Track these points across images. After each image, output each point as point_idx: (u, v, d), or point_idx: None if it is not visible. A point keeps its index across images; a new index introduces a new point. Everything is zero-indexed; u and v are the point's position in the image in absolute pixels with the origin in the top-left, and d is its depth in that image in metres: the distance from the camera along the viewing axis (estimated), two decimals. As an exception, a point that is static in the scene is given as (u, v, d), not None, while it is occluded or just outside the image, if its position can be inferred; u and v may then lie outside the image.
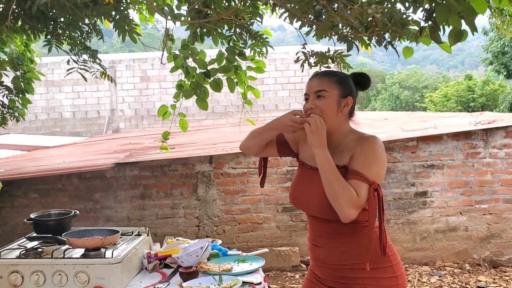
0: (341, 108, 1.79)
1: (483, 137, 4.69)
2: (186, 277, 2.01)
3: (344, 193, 1.65)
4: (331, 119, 1.77)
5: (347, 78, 1.85)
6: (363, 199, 1.67)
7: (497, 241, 4.69)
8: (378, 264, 1.75)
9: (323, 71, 1.88)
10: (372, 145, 1.75)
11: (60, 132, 11.80)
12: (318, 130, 1.71)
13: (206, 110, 3.08)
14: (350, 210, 1.65)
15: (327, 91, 1.77)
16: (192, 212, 4.83)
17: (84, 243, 1.98)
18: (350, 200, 1.64)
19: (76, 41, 3.88)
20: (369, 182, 1.67)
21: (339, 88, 1.79)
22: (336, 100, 1.78)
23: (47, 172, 4.78)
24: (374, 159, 1.72)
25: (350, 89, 1.82)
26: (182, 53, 3.24)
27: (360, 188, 1.67)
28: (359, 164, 1.70)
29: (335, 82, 1.79)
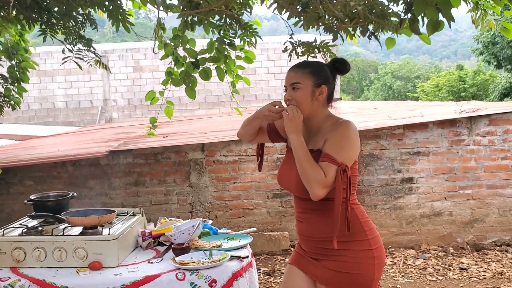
0: (316, 97, 1.94)
1: (467, 125, 4.84)
2: (178, 253, 2.14)
3: (313, 173, 1.81)
4: (306, 108, 1.93)
5: (322, 67, 1.98)
6: (331, 179, 1.81)
7: (480, 226, 4.86)
8: (355, 237, 1.90)
9: (299, 63, 2.01)
10: (344, 129, 1.89)
11: (53, 122, 11.83)
12: (294, 118, 1.88)
13: (194, 99, 3.18)
14: (318, 189, 1.81)
15: (301, 83, 1.92)
16: (185, 198, 4.96)
17: (83, 221, 2.11)
18: (318, 180, 1.80)
19: (71, 31, 3.96)
20: (338, 163, 1.82)
21: (313, 79, 1.93)
22: (310, 90, 1.93)
23: (43, 160, 4.88)
24: (344, 142, 1.87)
25: (324, 78, 1.96)
26: (173, 42, 3.33)
27: (328, 169, 1.81)
28: (329, 147, 1.86)
29: (308, 73, 1.93)
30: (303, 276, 2.01)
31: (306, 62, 2.02)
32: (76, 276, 1.97)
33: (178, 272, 1.99)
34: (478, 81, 22.56)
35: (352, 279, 1.88)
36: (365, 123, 5.12)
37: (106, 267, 2.05)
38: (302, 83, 1.93)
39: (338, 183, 1.81)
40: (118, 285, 1.92)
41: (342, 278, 1.89)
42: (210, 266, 2.01)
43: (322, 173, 1.81)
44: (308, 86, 1.93)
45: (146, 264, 2.11)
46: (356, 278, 1.88)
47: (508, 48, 17.45)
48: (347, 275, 1.88)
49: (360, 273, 1.89)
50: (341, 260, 1.89)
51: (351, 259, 1.88)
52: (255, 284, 2.20)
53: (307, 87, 1.93)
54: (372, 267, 1.90)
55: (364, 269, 1.89)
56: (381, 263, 1.95)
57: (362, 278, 1.89)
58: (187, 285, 1.96)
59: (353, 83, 39.59)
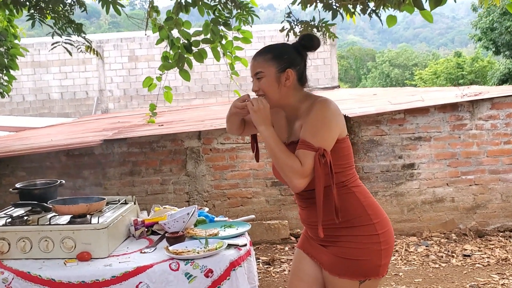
0: (283, 83, 1.80)
1: (469, 109, 4.73)
2: (172, 241, 2.03)
3: (288, 164, 1.69)
4: (275, 95, 1.81)
5: (285, 50, 1.83)
6: (309, 167, 1.69)
7: (483, 211, 4.77)
8: (359, 222, 1.79)
9: (261, 49, 1.87)
10: (318, 110, 1.75)
11: (48, 114, 11.70)
12: (260, 109, 1.76)
13: (189, 81, 3.07)
14: (296, 180, 1.69)
15: (263, 71, 1.80)
16: (182, 187, 4.85)
17: (70, 210, 1.99)
18: (294, 170, 1.68)
19: (60, 15, 3.83)
20: (315, 149, 1.69)
21: (276, 64, 1.79)
22: (274, 77, 1.79)
23: (35, 150, 4.75)
24: (320, 124, 1.73)
25: (288, 61, 1.81)
26: (167, 25, 3.21)
27: (305, 157, 1.69)
28: (305, 133, 1.73)
29: (270, 59, 1.80)
30: (310, 261, 1.93)
31: (268, 46, 1.86)
32: (64, 268, 1.86)
33: (172, 262, 1.88)
34: (476, 67, 22.46)
35: (357, 266, 1.78)
36: (365, 109, 5.00)
37: (96, 258, 1.93)
38: (265, 71, 1.79)
39: (317, 170, 1.68)
40: (108, 276, 1.81)
41: (345, 264, 1.78)
42: (206, 255, 1.90)
43: (298, 162, 1.69)
44: (272, 73, 1.79)
45: (138, 254, 2.00)
46: (361, 264, 1.78)
47: (507, 33, 17.32)
48: (351, 261, 1.78)
49: (366, 259, 1.78)
50: (344, 246, 1.79)
51: (356, 245, 1.78)
52: (254, 273, 2.09)
53: (270, 74, 1.79)
54: (379, 253, 1.79)
55: (370, 255, 1.78)
56: (388, 248, 1.83)
57: (368, 264, 1.78)
58: (182, 276, 1.85)
59: (350, 72, 39.43)
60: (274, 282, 3.84)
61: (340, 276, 1.79)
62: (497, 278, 3.66)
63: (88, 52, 3.86)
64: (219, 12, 3.20)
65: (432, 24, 2.31)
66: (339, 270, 1.79)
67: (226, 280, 1.88)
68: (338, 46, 31.81)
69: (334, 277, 1.81)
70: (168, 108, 8.95)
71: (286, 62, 1.80)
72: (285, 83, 1.80)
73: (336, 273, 1.80)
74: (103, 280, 1.81)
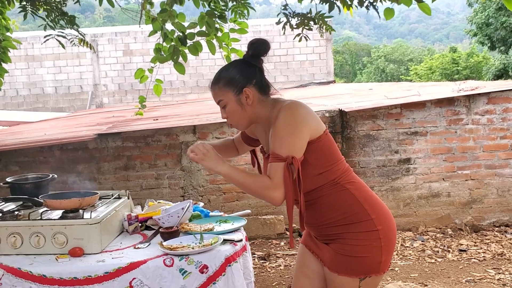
0: (245, 103, 1.77)
1: (465, 104, 4.71)
2: (167, 237, 1.99)
3: (257, 184, 1.69)
4: (243, 118, 1.80)
5: (233, 70, 1.79)
6: (278, 179, 1.66)
7: (479, 206, 4.77)
8: (356, 218, 1.76)
9: (214, 77, 1.84)
10: (281, 118, 1.71)
11: (43, 108, 11.61)
12: (204, 155, 1.74)
13: (184, 74, 3.03)
14: (271, 194, 1.67)
15: (223, 99, 1.79)
16: (177, 182, 4.81)
17: (62, 205, 1.95)
18: (265, 187, 1.67)
19: (52, 7, 3.77)
20: (283, 159, 1.66)
21: (230, 89, 1.77)
22: (235, 101, 1.77)
23: (28, 144, 4.70)
24: (285, 133, 1.69)
25: (241, 80, 1.77)
26: (161, 17, 3.16)
27: (275, 170, 1.67)
28: (273, 144, 1.70)
29: (224, 86, 1.78)
30: (313, 257, 1.93)
31: (218, 73, 1.83)
32: (55, 264, 1.82)
33: (166, 258, 1.84)
34: (472, 63, 22.50)
35: (356, 263, 1.74)
36: (361, 103, 4.98)
37: (88, 254, 1.89)
38: (224, 98, 1.79)
39: (285, 179, 1.66)
40: (100, 272, 1.78)
41: (344, 261, 1.75)
42: (201, 250, 1.86)
43: (266, 178, 1.68)
44: (231, 98, 1.78)
45: (132, 250, 1.96)
46: (360, 261, 1.74)
47: (502, 29, 17.35)
48: (351, 258, 1.75)
49: (366, 256, 1.74)
50: (344, 243, 1.76)
51: (355, 241, 1.74)
52: (250, 269, 2.06)
53: (230, 100, 1.78)
54: (379, 249, 1.75)
55: (370, 251, 1.74)
56: (389, 244, 1.78)
57: (368, 261, 1.75)
58: (176, 272, 1.81)
59: (346, 67, 39.41)
60: (270, 277, 3.82)
61: (339, 273, 1.76)
62: (493, 273, 3.65)
63: (81, 45, 3.80)
64: (214, 4, 3.15)
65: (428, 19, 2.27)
66: (338, 267, 1.77)
67: (221, 276, 1.85)
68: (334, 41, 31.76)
69: (333, 274, 1.78)
70: (163, 103, 8.90)
71: (240, 82, 1.77)
72: (247, 102, 1.77)
73: (335, 270, 1.77)
74: (96, 276, 1.78)
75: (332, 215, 1.77)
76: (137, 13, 3.43)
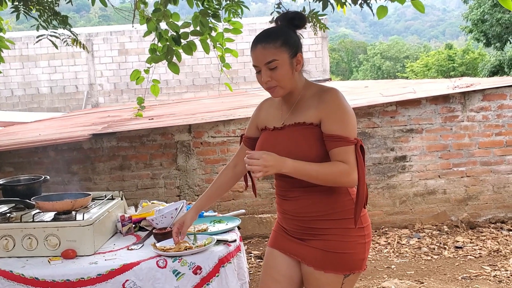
0: (295, 68, 1.73)
1: (461, 101, 4.71)
2: (160, 238, 1.98)
3: (335, 174, 1.66)
4: (289, 82, 1.73)
5: (289, 33, 1.73)
6: (353, 162, 1.67)
7: (474, 203, 4.77)
8: (346, 215, 1.75)
9: (263, 35, 1.73)
10: (338, 101, 1.70)
11: (38, 108, 11.55)
12: (266, 167, 1.61)
13: (178, 74, 3.01)
14: (350, 178, 1.67)
15: (277, 59, 1.68)
16: (173, 182, 4.80)
17: (54, 206, 1.93)
18: (344, 174, 1.66)
19: (45, 7, 3.74)
20: (353, 142, 1.68)
21: (287, 50, 1.69)
22: (288, 63, 1.70)
23: (22, 145, 4.67)
24: (346, 115, 1.69)
25: (296, 44, 1.73)
26: (155, 17, 3.14)
27: (347, 154, 1.66)
28: (336, 128, 1.67)
29: (281, 45, 1.68)
30: (285, 258, 1.84)
31: (271, 32, 1.73)
32: (47, 266, 1.81)
33: (159, 259, 1.83)
34: (467, 59, 22.53)
35: (342, 259, 1.74)
36: (357, 101, 4.97)
37: (81, 255, 1.88)
38: (279, 58, 1.67)
39: (360, 162, 1.68)
40: (93, 274, 1.76)
41: (331, 258, 1.73)
42: (194, 252, 1.85)
43: (340, 164, 1.66)
44: (286, 59, 1.68)
45: (125, 251, 1.95)
46: (346, 257, 1.74)
47: (497, 25, 17.36)
48: (337, 255, 1.73)
49: (351, 253, 1.74)
50: (330, 239, 1.74)
51: (341, 237, 1.74)
52: (244, 269, 2.05)
53: (285, 61, 1.68)
54: (363, 246, 1.76)
55: (355, 248, 1.75)
56: (370, 242, 1.81)
57: (353, 257, 1.75)
58: (169, 273, 1.80)
59: (342, 65, 39.42)
60: (266, 276, 3.81)
61: (326, 271, 1.74)
62: (489, 270, 3.66)
63: (75, 45, 3.78)
64: (208, 3, 3.13)
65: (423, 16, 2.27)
66: (325, 264, 1.74)
67: (215, 277, 1.84)
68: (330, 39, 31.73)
69: (319, 272, 1.75)
70: (158, 102, 8.87)
71: (295, 46, 1.72)
72: (296, 68, 1.73)
73: (322, 267, 1.74)
74: (89, 278, 1.76)
75: (325, 207, 1.75)
76: (130, 12, 3.41)
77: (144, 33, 3.26)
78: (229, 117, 4.82)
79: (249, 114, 4.87)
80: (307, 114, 1.73)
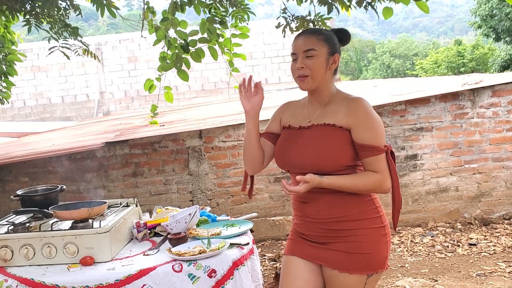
0: (329, 66, 1.80)
1: (470, 98, 4.71)
2: (175, 243, 2.02)
3: (368, 185, 1.73)
4: (320, 77, 1.79)
5: (333, 35, 1.84)
6: (385, 170, 1.74)
7: (487, 200, 4.75)
8: (368, 215, 1.79)
9: (309, 29, 1.88)
10: (367, 110, 1.75)
11: (50, 118, 11.71)
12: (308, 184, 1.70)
13: (187, 81, 3.06)
14: (384, 188, 1.75)
15: (316, 50, 1.77)
16: (185, 187, 4.85)
17: (71, 215, 1.99)
18: (379, 184, 1.73)
19: (55, 19, 3.82)
20: (384, 149, 1.73)
21: (327, 46, 1.79)
22: (325, 58, 1.78)
23: (37, 155, 4.76)
24: (375, 124, 1.74)
25: (336, 46, 1.83)
26: (163, 25, 3.20)
27: (379, 162, 1.73)
28: (367, 137, 1.72)
29: (323, 40, 1.79)
30: (306, 263, 1.84)
31: (318, 28, 1.88)
32: (67, 273, 1.86)
33: (175, 264, 1.87)
34: (477, 55, 22.31)
35: (366, 259, 1.76)
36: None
37: (99, 262, 1.93)
38: (318, 50, 1.77)
39: (392, 167, 1.74)
40: (111, 280, 1.81)
41: (355, 259, 1.76)
42: (208, 255, 1.89)
43: (373, 175, 1.73)
44: (324, 53, 1.78)
45: (142, 257, 2.00)
46: (370, 257, 1.77)
47: (507, 19, 17.20)
48: (360, 255, 1.76)
49: (374, 253, 1.77)
50: (353, 240, 1.77)
51: (365, 238, 1.77)
52: (258, 271, 2.09)
53: (322, 54, 1.77)
54: (385, 245, 1.81)
55: (378, 247, 1.78)
56: (390, 241, 1.85)
57: (376, 257, 1.78)
58: (185, 277, 1.85)
59: (351, 64, 39.29)
60: (280, 278, 3.83)
61: (350, 272, 1.76)
62: (503, 266, 3.64)
63: (86, 55, 3.85)
64: (215, 10, 3.18)
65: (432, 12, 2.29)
66: (349, 266, 1.76)
67: (229, 280, 1.88)
68: (338, 38, 31.49)
69: (344, 274, 1.77)
70: (169, 108, 8.95)
71: (335, 47, 1.82)
72: (331, 66, 1.81)
73: (346, 269, 1.76)
74: (107, 284, 1.81)
75: (346, 208, 1.78)
76: (139, 21, 3.47)
77: (154, 41, 3.32)
78: (239, 121, 4.86)
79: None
80: (336, 117, 1.78)
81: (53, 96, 11.84)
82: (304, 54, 1.77)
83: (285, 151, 1.86)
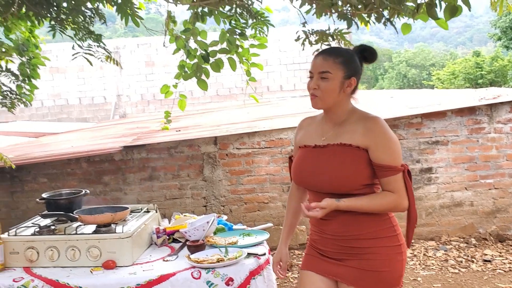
0: (344, 89, 1.81)
1: (487, 112, 4.70)
2: (193, 250, 2.08)
3: (384, 206, 1.77)
4: (331, 99, 1.81)
5: (353, 57, 1.83)
6: (402, 190, 1.76)
7: (504, 216, 4.73)
8: (385, 233, 1.82)
9: (329, 49, 1.87)
10: (383, 130, 1.77)
11: (67, 119, 11.89)
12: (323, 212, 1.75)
13: (207, 90, 3.12)
14: (401, 207, 1.78)
15: (331, 73, 1.77)
16: (199, 192, 4.91)
17: (96, 219, 2.05)
18: (396, 204, 1.77)
19: (80, 26, 3.92)
20: (401, 169, 1.75)
21: (344, 69, 1.79)
22: (340, 81, 1.79)
23: (56, 156, 4.86)
24: (392, 144, 1.76)
25: (354, 69, 1.82)
26: (184, 35, 3.27)
27: (396, 182, 1.75)
28: (384, 157, 1.74)
29: (340, 63, 1.79)
30: (322, 279, 1.87)
31: (337, 49, 1.86)
32: (90, 276, 1.92)
33: (194, 271, 1.93)
34: (496, 67, 22.05)
35: (382, 277, 1.79)
36: (382, 113, 5.00)
37: (120, 266, 1.99)
38: (333, 73, 1.78)
39: (409, 186, 1.77)
40: (133, 284, 1.87)
41: (371, 277, 1.79)
42: (226, 264, 1.94)
43: (390, 195, 1.76)
44: (338, 77, 1.78)
45: (161, 262, 2.05)
46: (385, 275, 1.79)
47: (527, 32, 17.06)
48: (376, 273, 1.79)
49: (390, 270, 1.80)
50: (370, 258, 1.79)
51: (381, 256, 1.79)
52: (273, 281, 2.13)
53: (337, 78, 1.78)
54: (401, 263, 1.83)
55: (393, 266, 1.81)
56: (406, 259, 1.88)
57: (392, 275, 1.80)
58: (203, 284, 1.90)
59: (367, 72, 39.11)
60: (293, 287, 3.87)
61: None
62: (517, 284, 3.63)
63: (108, 61, 3.94)
64: (235, 22, 3.24)
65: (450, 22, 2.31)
66: (365, 283, 1.79)
67: (246, 288, 1.92)
68: (354, 47, 31.43)
69: None
70: (184, 113, 9.03)
71: (353, 70, 1.81)
72: (345, 89, 1.81)
73: (362, 286, 1.79)
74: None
75: (364, 226, 1.80)
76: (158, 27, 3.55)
77: (174, 50, 3.39)
78: (253, 129, 4.91)
79: (274, 126, 4.97)
80: (353, 137, 1.79)
81: (70, 97, 12.01)
82: (319, 76, 1.79)
83: (302, 170, 1.89)
